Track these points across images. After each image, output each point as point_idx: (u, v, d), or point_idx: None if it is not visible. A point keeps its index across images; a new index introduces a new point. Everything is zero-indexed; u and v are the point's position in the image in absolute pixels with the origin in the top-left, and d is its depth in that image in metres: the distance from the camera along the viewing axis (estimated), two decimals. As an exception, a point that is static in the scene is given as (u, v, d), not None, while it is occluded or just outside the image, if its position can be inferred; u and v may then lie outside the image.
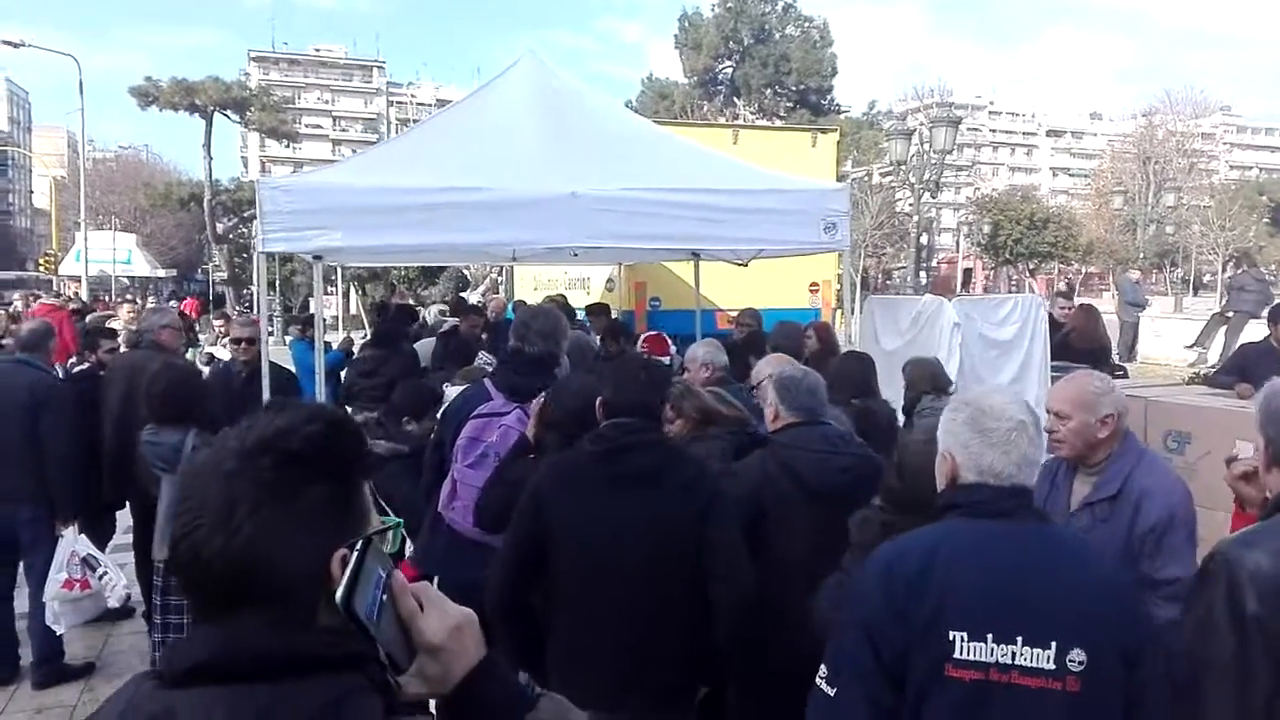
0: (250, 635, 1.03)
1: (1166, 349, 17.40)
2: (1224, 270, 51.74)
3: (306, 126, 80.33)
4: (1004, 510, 2.07)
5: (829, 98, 49.55)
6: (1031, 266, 53.63)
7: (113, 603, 4.61)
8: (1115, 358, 10.72)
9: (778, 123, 37.61)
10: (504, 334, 7.51)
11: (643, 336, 8.88)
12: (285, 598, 1.05)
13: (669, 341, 8.68)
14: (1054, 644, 1.91)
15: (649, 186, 5.74)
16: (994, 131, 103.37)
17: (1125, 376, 10.14)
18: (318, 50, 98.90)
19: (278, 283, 46.33)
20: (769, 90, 47.91)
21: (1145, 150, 60.44)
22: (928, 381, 5.62)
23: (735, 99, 48.49)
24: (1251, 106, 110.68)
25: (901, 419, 5.27)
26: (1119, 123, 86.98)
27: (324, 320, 9.87)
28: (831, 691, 2.04)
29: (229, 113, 41.85)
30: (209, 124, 41.03)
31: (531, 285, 14.92)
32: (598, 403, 3.00)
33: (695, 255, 9.22)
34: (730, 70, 50.35)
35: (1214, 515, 3.72)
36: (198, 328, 20.02)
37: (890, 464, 2.91)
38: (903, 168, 18.34)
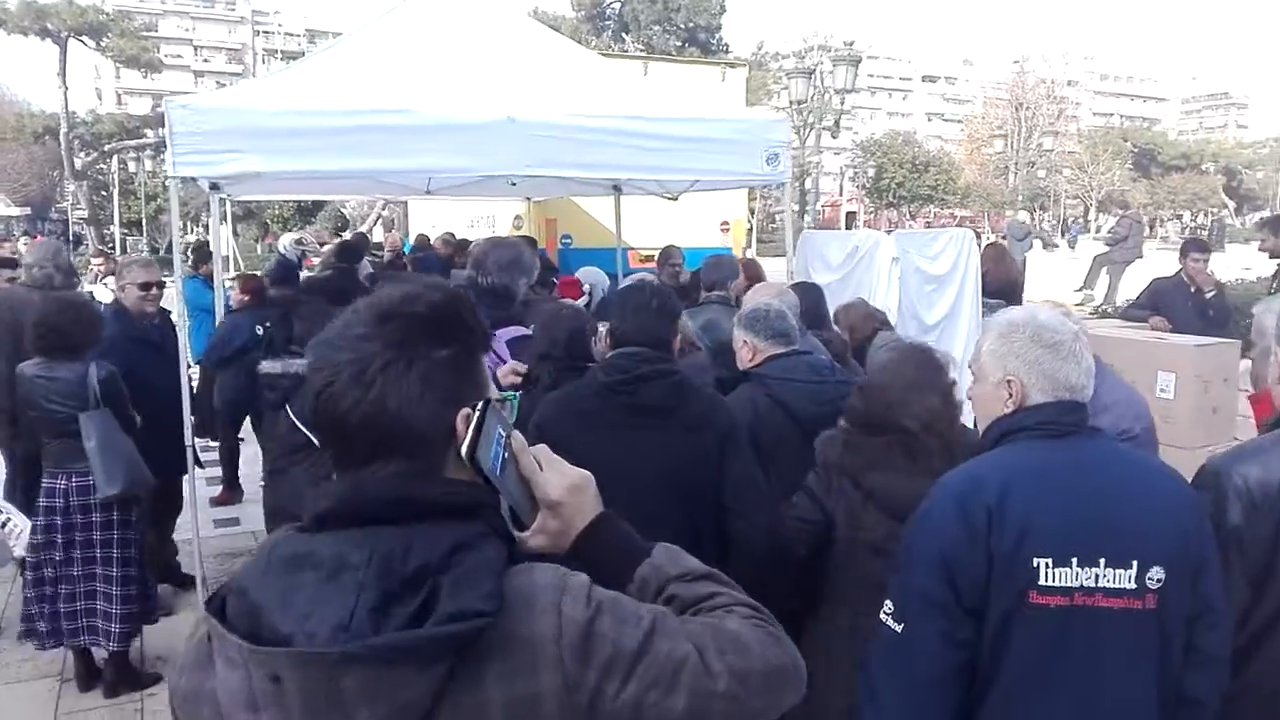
0: (374, 484, 1.08)
1: (1050, 289, 18.08)
2: (1093, 213, 54.20)
3: (166, 56, 75.24)
4: (1068, 428, 2.01)
5: (717, 36, 49.23)
6: (912, 210, 55.01)
7: (19, 551, 4.23)
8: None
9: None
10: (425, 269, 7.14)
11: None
12: (415, 450, 1.10)
13: (580, 283, 8.45)
14: (1135, 563, 1.88)
15: (592, 113, 5.47)
16: (871, 76, 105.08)
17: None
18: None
19: (143, 221, 44.00)
20: (657, 27, 47.26)
21: (1017, 96, 62.54)
22: (870, 321, 5.55)
23: (624, 35, 47.75)
24: (1112, 56, 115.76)
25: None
26: (991, 69, 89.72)
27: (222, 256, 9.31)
28: (899, 627, 1.96)
29: (85, 39, 38.87)
30: (63, 51, 38.04)
31: (430, 223, 14.37)
32: (604, 331, 2.80)
33: (616, 189, 8.99)
34: (618, 5, 49.45)
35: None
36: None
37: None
38: (802, 107, 18.36)
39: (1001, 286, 8.60)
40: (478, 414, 1.13)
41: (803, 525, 2.64)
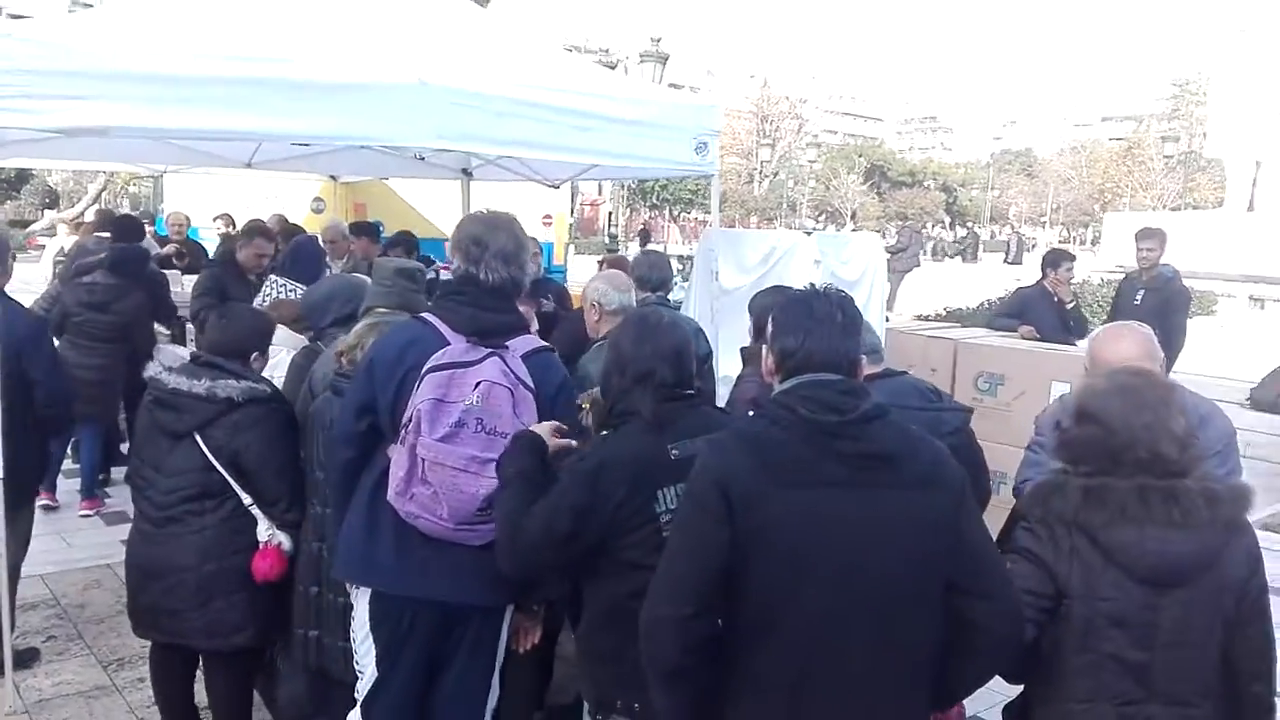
0: None
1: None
2: (822, 222, 57.84)
3: None
4: None
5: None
6: (674, 213, 56.15)
7: None
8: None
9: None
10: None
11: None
12: None
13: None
14: None
15: (517, 82, 4.71)
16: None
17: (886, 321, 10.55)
18: None
19: None
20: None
21: (763, 110, 65.76)
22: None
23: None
24: (835, 77, 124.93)
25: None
26: (732, 81, 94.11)
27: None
28: None
29: None
30: None
31: (192, 201, 12.58)
32: (769, 352, 2.11)
33: (466, 173, 8.11)
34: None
35: (1017, 454, 3.63)
36: None
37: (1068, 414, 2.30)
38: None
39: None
40: None
41: (1036, 602, 2.09)
